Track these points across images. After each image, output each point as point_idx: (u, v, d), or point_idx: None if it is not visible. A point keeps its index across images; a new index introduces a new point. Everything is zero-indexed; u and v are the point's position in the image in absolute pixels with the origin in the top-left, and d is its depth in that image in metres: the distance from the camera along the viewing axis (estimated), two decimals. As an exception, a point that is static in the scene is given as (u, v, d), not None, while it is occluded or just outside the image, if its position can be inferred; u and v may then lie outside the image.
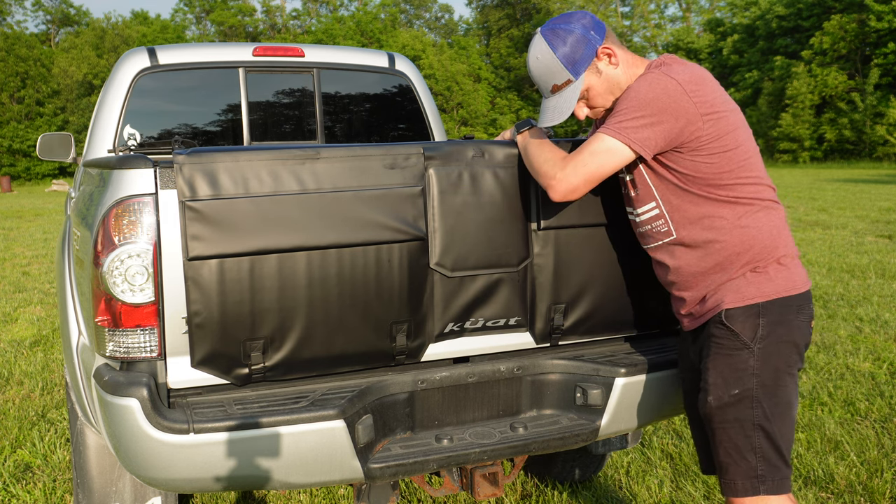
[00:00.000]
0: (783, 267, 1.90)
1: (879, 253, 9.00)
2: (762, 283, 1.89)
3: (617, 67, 1.98)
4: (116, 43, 48.99)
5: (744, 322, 1.87)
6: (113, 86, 3.50)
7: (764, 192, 1.93)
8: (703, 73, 1.90)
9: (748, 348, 1.86)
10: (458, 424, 2.19)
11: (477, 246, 2.10)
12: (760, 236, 1.90)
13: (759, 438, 1.85)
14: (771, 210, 1.93)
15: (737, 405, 1.86)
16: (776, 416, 1.86)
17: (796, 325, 1.89)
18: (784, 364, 1.87)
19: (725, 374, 1.88)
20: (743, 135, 1.91)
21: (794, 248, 1.95)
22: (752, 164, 1.92)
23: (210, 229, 1.85)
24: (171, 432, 1.81)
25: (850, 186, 20.82)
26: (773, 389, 1.86)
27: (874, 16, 37.13)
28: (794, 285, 1.90)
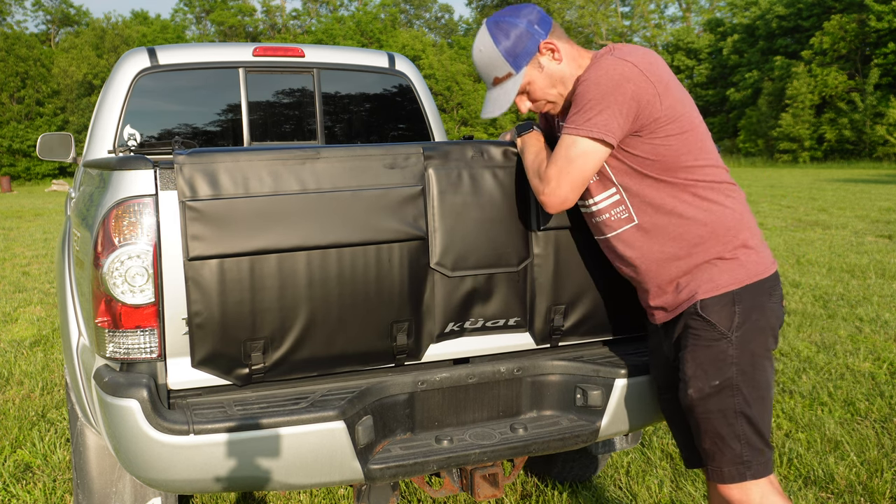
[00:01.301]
0: (751, 250, 1.90)
1: (879, 253, 9.00)
2: (734, 269, 1.88)
3: (560, 63, 1.97)
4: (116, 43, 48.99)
5: (720, 311, 1.87)
6: (113, 86, 3.50)
7: (721, 174, 1.93)
8: (654, 55, 1.90)
9: (726, 338, 1.86)
10: (458, 425, 2.19)
11: (477, 246, 2.10)
12: (724, 219, 1.89)
13: (741, 425, 1.87)
14: (731, 192, 1.93)
15: (718, 395, 1.88)
16: (756, 400, 1.88)
17: (770, 308, 1.90)
18: (761, 348, 1.88)
19: (705, 365, 1.88)
20: (696, 117, 1.92)
21: (758, 230, 1.95)
22: (708, 147, 1.92)
23: (210, 229, 1.85)
24: (171, 433, 1.81)
25: (850, 186, 20.82)
26: (751, 374, 1.87)
27: (874, 16, 37.12)
28: (764, 268, 1.90)
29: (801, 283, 7.27)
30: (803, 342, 5.21)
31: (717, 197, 1.90)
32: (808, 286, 7.13)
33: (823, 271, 7.92)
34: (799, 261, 8.58)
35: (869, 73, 37.34)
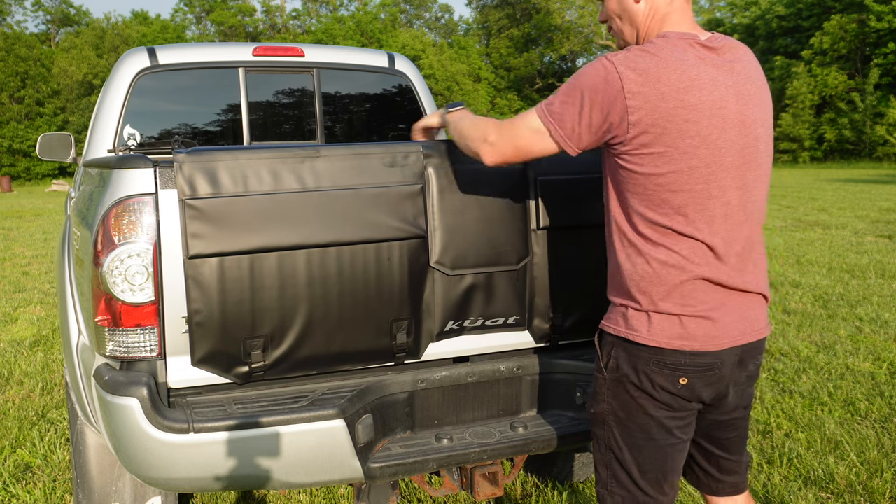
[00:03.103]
0: (662, 316, 1.67)
1: (879, 253, 9.00)
2: (631, 318, 1.71)
3: (638, 3, 1.73)
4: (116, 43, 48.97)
5: (603, 347, 1.79)
6: (113, 86, 3.50)
7: (675, 235, 1.64)
8: (666, 74, 1.59)
9: (602, 375, 1.79)
10: (458, 424, 2.19)
11: (477, 244, 2.10)
12: (645, 272, 1.67)
13: (609, 459, 1.81)
14: (671, 252, 1.65)
15: (594, 422, 1.83)
16: (630, 447, 1.76)
17: (650, 376, 1.69)
18: (636, 405, 1.73)
19: (592, 388, 1.84)
20: (687, 162, 1.60)
21: (690, 304, 1.66)
22: (678, 202, 1.62)
23: (210, 227, 1.85)
24: (171, 432, 1.82)
25: (850, 186, 20.82)
26: (625, 421, 1.76)
27: (874, 16, 37.12)
28: (650, 335, 1.67)
29: (801, 283, 7.27)
30: (803, 342, 5.21)
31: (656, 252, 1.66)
32: (808, 286, 7.13)
33: (823, 271, 7.92)
34: (799, 261, 8.58)
35: (869, 73, 37.33)
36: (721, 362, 1.70)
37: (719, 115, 1.61)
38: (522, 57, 54.69)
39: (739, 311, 1.71)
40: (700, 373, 1.69)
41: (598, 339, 1.81)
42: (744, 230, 1.69)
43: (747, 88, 1.68)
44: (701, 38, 1.69)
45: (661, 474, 1.78)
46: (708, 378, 1.71)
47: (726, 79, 1.65)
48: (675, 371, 1.69)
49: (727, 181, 1.64)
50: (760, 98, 1.71)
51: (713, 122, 1.61)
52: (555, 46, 52.59)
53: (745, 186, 1.68)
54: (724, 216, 1.65)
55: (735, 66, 1.68)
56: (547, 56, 54.67)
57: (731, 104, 1.64)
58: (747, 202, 1.69)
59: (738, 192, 1.67)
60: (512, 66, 55.09)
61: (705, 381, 1.71)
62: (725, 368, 1.72)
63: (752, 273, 1.73)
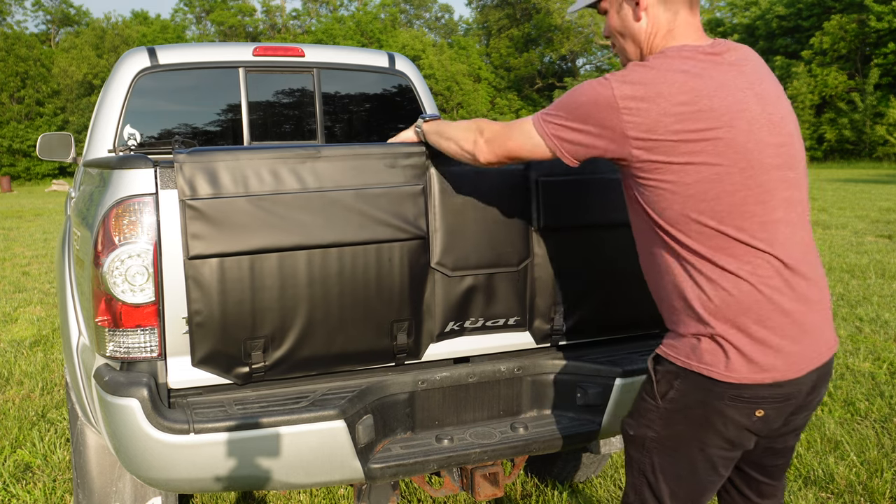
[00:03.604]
0: (740, 347, 1.56)
1: (879, 253, 9.00)
2: (703, 351, 1.59)
3: (639, 21, 1.67)
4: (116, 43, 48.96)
5: (663, 375, 1.66)
6: (113, 86, 3.50)
7: (734, 249, 1.54)
8: (665, 87, 1.52)
9: (655, 401, 1.67)
10: (458, 424, 2.19)
11: (477, 245, 2.10)
12: (717, 294, 1.56)
13: (640, 483, 1.72)
14: (736, 266, 1.55)
15: (632, 442, 1.74)
16: (669, 479, 1.67)
17: (722, 411, 1.59)
18: (692, 438, 1.64)
19: (634, 409, 1.75)
20: (714, 170, 1.52)
21: (767, 328, 1.56)
22: (721, 210, 1.53)
23: (211, 228, 1.85)
24: (172, 432, 1.81)
25: (850, 186, 20.82)
26: (671, 452, 1.67)
27: (874, 16, 37.11)
28: (727, 371, 1.56)
29: (801, 283, 7.26)
30: (803, 342, 5.21)
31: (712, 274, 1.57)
32: (808, 286, 7.13)
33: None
34: (799, 261, 8.58)
35: (869, 73, 37.32)
36: (799, 390, 1.61)
37: (742, 117, 1.53)
38: (522, 57, 54.66)
39: (813, 326, 1.61)
40: (778, 403, 1.60)
41: (653, 362, 1.69)
42: (800, 233, 1.61)
43: (764, 88, 1.61)
44: (702, 45, 1.62)
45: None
46: (784, 407, 1.62)
47: (738, 81, 1.57)
48: (752, 404, 1.58)
49: (772, 182, 1.55)
50: (779, 95, 1.64)
51: (737, 125, 1.52)
52: (555, 46, 52.58)
53: (791, 186, 1.59)
54: (779, 220, 1.56)
55: (744, 68, 1.61)
56: (547, 56, 54.65)
57: (753, 105, 1.56)
58: (797, 203, 1.61)
59: (787, 193, 1.58)
60: (512, 66, 55.07)
61: (780, 412, 1.62)
62: (801, 396, 1.63)
63: (817, 280, 1.63)
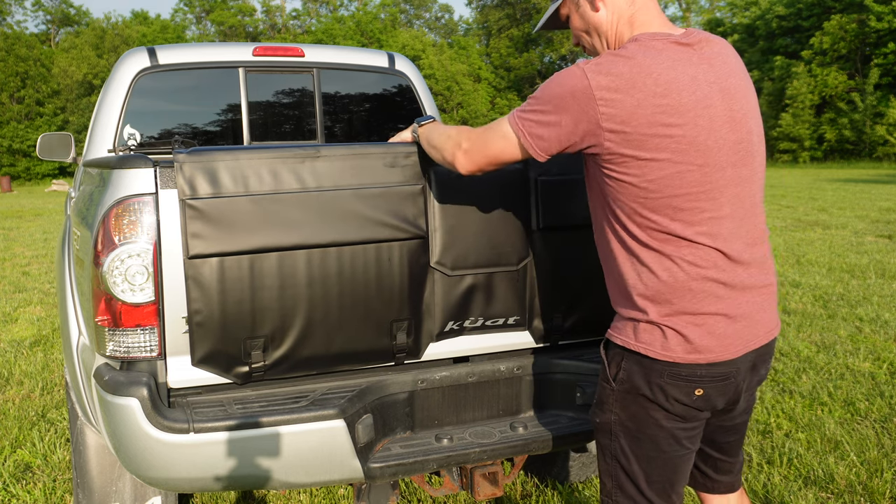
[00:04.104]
0: (676, 328, 1.61)
1: (879, 253, 9.00)
2: (642, 331, 1.65)
3: (598, 12, 1.70)
4: (116, 43, 48.98)
5: (611, 358, 1.72)
6: (113, 86, 3.50)
7: (678, 242, 1.59)
8: (641, 79, 1.53)
9: (610, 385, 1.72)
10: (458, 424, 2.19)
11: (477, 245, 2.10)
12: (652, 281, 1.62)
13: (615, 469, 1.76)
14: (677, 258, 1.60)
15: (599, 431, 1.78)
16: (639, 458, 1.72)
17: (664, 388, 1.65)
18: (646, 417, 1.69)
19: (597, 397, 1.79)
20: (676, 167, 1.55)
21: (702, 312, 1.61)
22: (674, 207, 1.57)
23: (210, 227, 1.86)
24: (172, 432, 1.82)
25: (850, 186, 20.82)
26: (634, 433, 1.71)
27: (874, 16, 37.12)
28: (663, 350, 1.62)
29: (801, 283, 7.27)
30: (803, 342, 5.21)
31: (656, 259, 1.62)
32: (808, 286, 7.13)
33: (823, 271, 7.92)
34: (799, 261, 8.58)
35: (869, 73, 37.33)
36: (736, 370, 1.67)
37: (705, 114, 1.56)
38: (522, 57, 54.69)
39: (751, 312, 1.67)
40: (716, 382, 1.66)
41: (604, 348, 1.76)
42: (746, 225, 1.65)
43: (731, 82, 1.62)
44: (675, 35, 1.63)
45: (668, 484, 1.74)
46: (724, 387, 1.68)
47: (707, 76, 1.58)
48: (690, 383, 1.64)
49: (724, 180, 1.59)
50: (746, 90, 1.66)
51: (699, 123, 1.55)
52: (555, 46, 52.60)
53: (742, 182, 1.63)
54: (725, 216, 1.61)
55: (714, 62, 1.62)
56: (547, 56, 54.68)
57: (717, 101, 1.58)
58: (746, 197, 1.65)
59: (737, 189, 1.62)
60: (512, 66, 55.09)
61: (720, 391, 1.68)
62: (740, 375, 1.69)
63: (758, 267, 1.68)
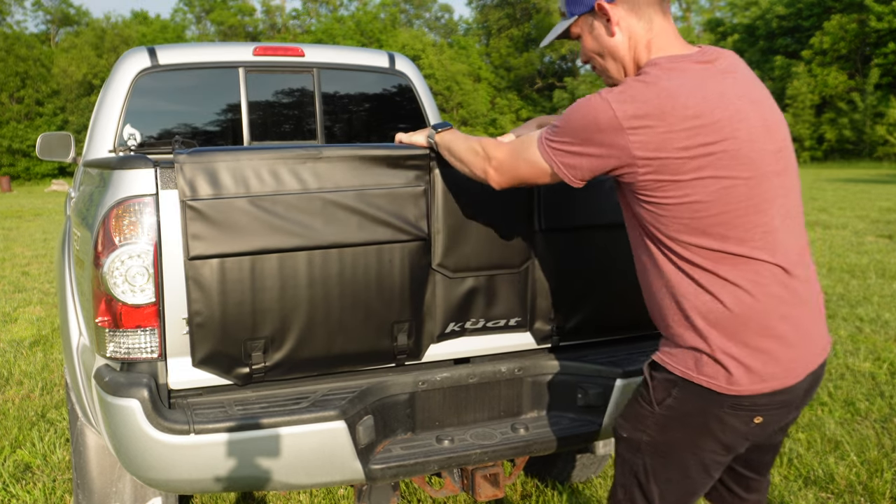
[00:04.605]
0: (741, 358, 1.56)
1: (879, 253, 9.00)
2: (705, 363, 1.58)
3: (613, 37, 1.65)
4: (116, 43, 48.94)
5: (660, 382, 1.66)
6: (113, 86, 3.50)
7: (735, 260, 1.54)
8: (669, 103, 1.49)
9: (651, 407, 1.67)
10: (459, 425, 2.19)
11: (479, 247, 2.09)
12: (713, 305, 1.56)
13: (631, 483, 1.72)
14: (739, 277, 1.54)
15: (625, 442, 1.74)
16: (660, 481, 1.67)
17: (721, 419, 1.60)
18: (687, 445, 1.64)
19: (629, 411, 1.74)
20: (722, 183, 1.50)
21: (767, 337, 1.56)
22: (725, 223, 1.52)
23: (211, 229, 1.85)
24: (172, 433, 1.81)
25: (850, 186, 20.82)
26: (663, 456, 1.67)
27: (874, 16, 37.12)
28: (728, 384, 1.56)
29: (801, 283, 7.26)
30: (803, 342, 5.21)
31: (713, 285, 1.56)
32: (808, 286, 7.13)
33: (823, 271, 7.91)
34: (799, 261, 8.58)
35: (869, 73, 37.33)
36: (796, 395, 1.63)
37: (743, 127, 1.52)
38: (522, 57, 54.66)
39: (809, 329, 1.62)
40: (776, 409, 1.62)
41: (650, 369, 1.69)
42: (794, 236, 1.61)
43: (756, 94, 1.61)
44: (692, 55, 1.61)
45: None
46: (782, 413, 1.64)
47: (734, 90, 1.56)
48: (751, 412, 1.59)
49: (771, 191, 1.55)
50: (770, 102, 1.65)
51: (739, 136, 1.52)
52: (555, 46, 52.52)
53: (787, 192, 1.60)
54: (777, 228, 1.56)
55: (736, 76, 1.61)
56: (547, 56, 54.64)
57: (751, 113, 1.55)
58: (792, 207, 1.61)
59: (784, 200, 1.58)
60: (512, 65, 55.06)
61: (778, 417, 1.64)
62: (798, 400, 1.65)
63: (809, 279, 1.63)
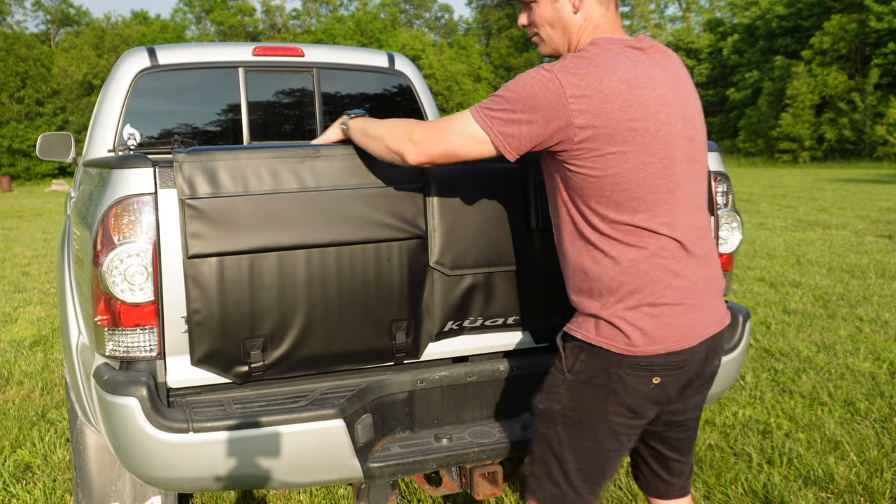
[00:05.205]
0: (636, 321, 1.66)
1: (879, 253, 9.00)
2: (603, 326, 1.68)
3: (576, 14, 1.73)
4: (116, 43, 48.99)
5: (569, 350, 1.76)
6: (113, 86, 3.51)
7: (642, 233, 1.65)
8: (607, 77, 1.60)
9: (563, 375, 1.76)
10: (457, 424, 2.19)
11: (476, 244, 2.10)
12: (614, 271, 1.66)
13: (547, 455, 1.79)
14: (639, 249, 1.65)
15: (541, 417, 1.81)
16: (574, 449, 1.75)
17: (622, 379, 1.69)
18: (596, 406, 1.72)
19: (544, 385, 1.82)
20: (640, 159, 1.62)
21: (660, 303, 1.66)
22: (640, 198, 1.63)
23: (210, 227, 1.86)
24: (171, 431, 1.82)
25: (850, 186, 20.82)
26: (576, 422, 1.74)
27: (874, 16, 37.12)
28: (624, 345, 1.66)
29: (801, 283, 7.27)
30: (803, 342, 5.21)
31: (617, 249, 1.66)
32: (808, 286, 7.13)
33: (823, 271, 7.92)
34: (799, 261, 8.58)
35: (869, 73, 37.33)
36: (691, 358, 1.72)
37: (664, 111, 1.65)
38: (522, 57, 54.70)
39: (704, 301, 1.73)
40: (673, 371, 1.71)
41: (561, 340, 1.79)
42: (697, 219, 1.74)
43: (680, 86, 1.72)
44: (629, 40, 1.72)
45: (595, 477, 1.79)
46: (680, 376, 1.73)
47: (662, 77, 1.68)
48: (649, 372, 1.69)
49: (681, 174, 1.68)
50: (693, 95, 1.77)
51: (660, 118, 1.64)
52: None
53: (695, 178, 1.73)
54: (682, 208, 1.69)
55: (666, 66, 1.72)
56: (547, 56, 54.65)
57: (672, 100, 1.68)
58: (698, 193, 1.74)
59: (691, 185, 1.71)
60: (512, 65, 55.09)
61: (676, 379, 1.73)
62: (694, 364, 1.74)
63: (708, 260, 1.76)
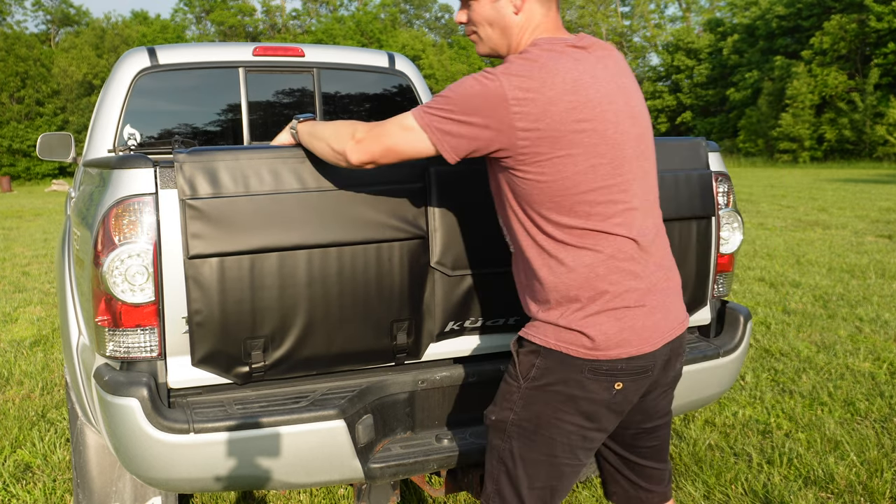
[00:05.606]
0: (596, 325, 1.62)
1: (879, 253, 9.00)
2: (562, 331, 1.64)
3: (517, 15, 1.70)
4: (116, 43, 48.99)
5: (524, 355, 1.69)
6: (113, 86, 3.51)
7: (596, 236, 1.61)
8: (550, 78, 1.56)
9: (517, 382, 1.70)
10: (458, 424, 2.19)
11: (477, 245, 2.10)
12: (571, 279, 1.62)
13: (499, 472, 1.74)
14: (595, 252, 1.62)
15: (493, 429, 1.75)
16: (527, 463, 1.70)
17: (582, 384, 1.64)
18: (551, 417, 1.66)
19: (497, 394, 1.76)
20: (590, 161, 1.58)
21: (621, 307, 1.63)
22: (590, 201, 1.59)
23: (211, 227, 1.85)
24: (172, 432, 1.81)
25: (850, 186, 20.82)
26: (530, 435, 1.69)
27: (874, 16, 37.12)
28: (585, 349, 1.62)
29: (801, 283, 7.27)
30: (803, 342, 5.21)
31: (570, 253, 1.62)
32: (808, 286, 7.13)
33: (823, 271, 7.92)
34: (799, 261, 8.58)
35: (869, 73, 37.33)
36: (654, 363, 1.68)
37: (610, 109, 1.61)
38: (522, 57, 54.60)
39: (665, 304, 1.70)
40: (635, 376, 1.66)
41: (516, 345, 1.73)
42: (651, 217, 1.70)
43: (624, 82, 1.68)
44: (569, 39, 1.68)
45: (549, 493, 1.73)
46: (642, 381, 1.69)
47: (605, 74, 1.64)
48: (611, 377, 1.64)
49: (631, 173, 1.64)
50: (636, 91, 1.73)
51: (607, 118, 1.60)
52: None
53: (646, 175, 1.69)
54: (636, 207, 1.65)
55: (608, 62, 1.67)
56: (547, 56, 54.63)
57: (617, 98, 1.64)
58: (650, 191, 1.71)
59: (643, 182, 1.68)
60: (512, 66, 55.00)
61: (638, 385, 1.69)
62: (657, 368, 1.70)
63: (663, 259, 1.72)
